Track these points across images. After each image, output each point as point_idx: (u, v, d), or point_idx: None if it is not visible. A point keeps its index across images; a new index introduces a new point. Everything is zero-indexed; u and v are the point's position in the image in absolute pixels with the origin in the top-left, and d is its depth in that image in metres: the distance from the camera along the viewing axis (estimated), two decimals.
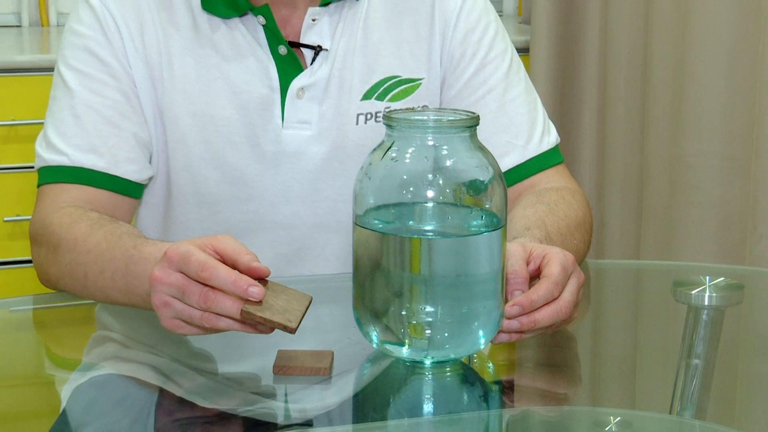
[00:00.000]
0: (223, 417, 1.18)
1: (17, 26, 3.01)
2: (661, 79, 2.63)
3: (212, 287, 1.17)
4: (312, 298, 1.22)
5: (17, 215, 2.54)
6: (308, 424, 1.16)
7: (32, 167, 1.56)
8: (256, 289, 1.16)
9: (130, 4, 1.55)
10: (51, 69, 1.60)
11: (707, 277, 1.44)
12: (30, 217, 1.52)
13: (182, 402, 1.22)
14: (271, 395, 1.21)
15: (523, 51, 2.83)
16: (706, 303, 1.41)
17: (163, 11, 1.56)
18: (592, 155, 2.85)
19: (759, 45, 2.43)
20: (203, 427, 1.17)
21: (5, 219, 2.54)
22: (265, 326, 1.18)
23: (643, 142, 2.70)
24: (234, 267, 1.19)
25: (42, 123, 1.56)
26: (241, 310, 1.16)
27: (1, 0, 3.01)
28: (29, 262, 1.54)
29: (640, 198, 2.73)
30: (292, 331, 1.17)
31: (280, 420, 1.18)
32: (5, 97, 2.52)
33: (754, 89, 2.45)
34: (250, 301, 1.16)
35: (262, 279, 1.19)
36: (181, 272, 1.19)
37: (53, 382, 1.35)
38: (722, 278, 1.45)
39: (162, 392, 1.25)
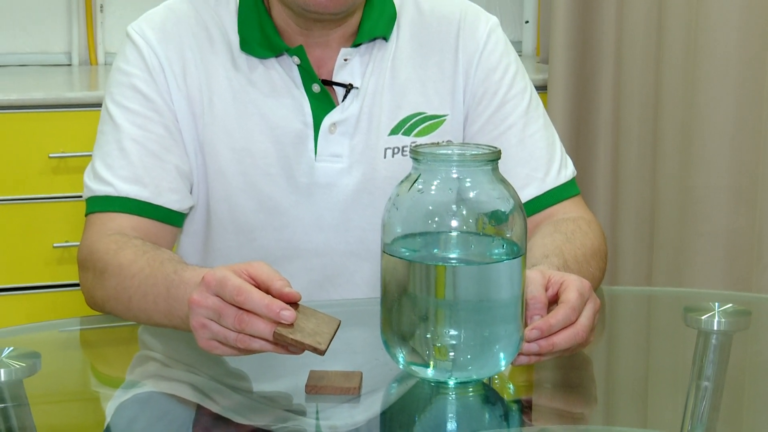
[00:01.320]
0: None
1: (68, 65, 3.03)
2: (671, 115, 2.63)
3: (247, 310, 1.17)
4: (341, 321, 1.22)
5: (66, 241, 2.55)
6: None
7: (81, 197, 1.57)
8: (287, 313, 1.16)
9: (174, 44, 1.56)
10: (99, 105, 1.61)
11: (716, 304, 1.43)
12: (78, 243, 1.53)
13: (219, 419, 1.22)
14: (303, 413, 1.21)
15: (541, 89, 2.82)
16: (715, 328, 1.40)
17: (204, 51, 1.57)
18: (606, 188, 2.85)
19: (765, 84, 2.42)
20: None
21: (55, 245, 2.55)
22: (296, 348, 1.18)
23: (655, 175, 2.69)
24: (267, 292, 1.19)
25: (90, 155, 1.57)
26: (274, 332, 1.16)
27: (53, 40, 3.03)
28: (77, 285, 1.54)
29: (651, 228, 2.73)
30: (322, 352, 1.17)
31: None
32: (56, 131, 2.53)
33: (759, 125, 2.45)
34: (282, 323, 1.16)
35: (293, 303, 1.19)
36: (218, 296, 1.19)
37: (99, 399, 1.35)
38: (730, 304, 1.44)
39: (200, 409, 1.25)
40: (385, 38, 1.59)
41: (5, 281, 2.55)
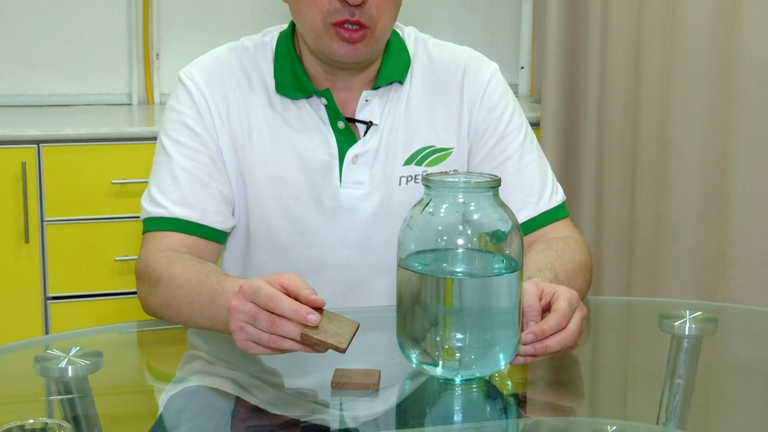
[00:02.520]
0: (290, 423, 1.17)
1: (128, 104, 3.05)
2: (648, 148, 2.62)
3: (278, 315, 1.17)
4: (359, 324, 1.22)
5: (126, 255, 2.55)
6: (353, 430, 1.16)
7: (138, 217, 1.57)
8: (313, 316, 1.16)
9: (219, 87, 1.56)
10: (155, 139, 1.60)
11: (687, 311, 1.43)
12: (136, 257, 1.53)
13: (256, 410, 1.22)
14: (329, 405, 1.20)
15: (535, 125, 2.83)
16: (687, 333, 1.39)
17: (245, 93, 1.57)
18: (591, 210, 2.84)
19: (727, 125, 2.42)
20: (272, 428, 1.17)
21: (116, 258, 2.55)
22: (320, 347, 1.18)
23: (633, 200, 2.69)
24: (296, 299, 1.18)
25: (147, 182, 1.57)
26: (301, 333, 1.16)
27: (116, 83, 3.05)
28: (135, 294, 1.54)
29: (630, 246, 2.72)
30: (342, 351, 1.16)
31: (336, 425, 1.17)
32: (118, 160, 2.54)
33: (725, 157, 2.44)
34: (308, 326, 1.16)
35: (318, 308, 1.19)
36: (253, 303, 1.19)
37: (153, 391, 1.35)
38: (700, 312, 1.43)
39: (239, 401, 1.24)
40: (401, 82, 1.59)
41: (73, 289, 2.56)
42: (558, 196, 1.61)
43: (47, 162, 2.50)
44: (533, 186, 1.59)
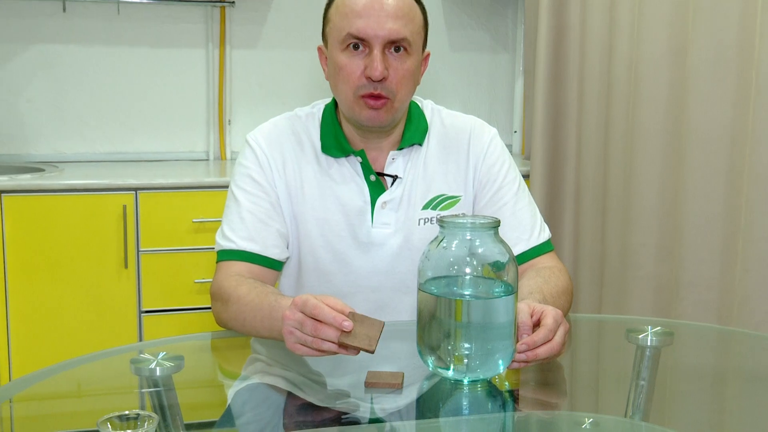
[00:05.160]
0: (329, 412, 1.17)
1: (206, 160, 3.07)
2: (615, 195, 2.62)
3: (320, 321, 1.17)
4: (384, 322, 1.21)
5: (203, 279, 2.56)
6: (382, 420, 1.15)
7: (213, 249, 1.57)
8: (347, 323, 1.16)
9: (277, 148, 1.57)
10: (227, 187, 1.61)
11: (649, 327, 1.41)
12: (211, 280, 1.53)
13: (304, 403, 1.21)
14: (362, 400, 1.20)
15: (526, 176, 2.83)
16: (649, 344, 1.38)
17: (297, 153, 1.57)
18: (570, 245, 2.83)
19: (679, 173, 2.41)
20: (317, 417, 1.16)
21: (195, 281, 2.56)
22: (354, 349, 1.17)
23: (603, 236, 2.68)
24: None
25: (220, 221, 1.58)
26: (338, 339, 1.16)
27: (197, 143, 3.07)
28: (209, 308, 1.54)
29: (601, 274, 2.70)
30: (372, 352, 1.16)
31: (368, 416, 1.16)
32: (198, 204, 2.55)
33: (677, 202, 2.43)
34: (343, 331, 1.16)
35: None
36: (301, 312, 1.19)
37: (222, 387, 1.35)
38: (659, 327, 1.42)
39: (290, 396, 1.23)
40: (420, 144, 1.59)
41: (162, 305, 2.57)
42: (545, 234, 1.60)
43: (143, 205, 2.51)
44: (525, 226, 1.58)
